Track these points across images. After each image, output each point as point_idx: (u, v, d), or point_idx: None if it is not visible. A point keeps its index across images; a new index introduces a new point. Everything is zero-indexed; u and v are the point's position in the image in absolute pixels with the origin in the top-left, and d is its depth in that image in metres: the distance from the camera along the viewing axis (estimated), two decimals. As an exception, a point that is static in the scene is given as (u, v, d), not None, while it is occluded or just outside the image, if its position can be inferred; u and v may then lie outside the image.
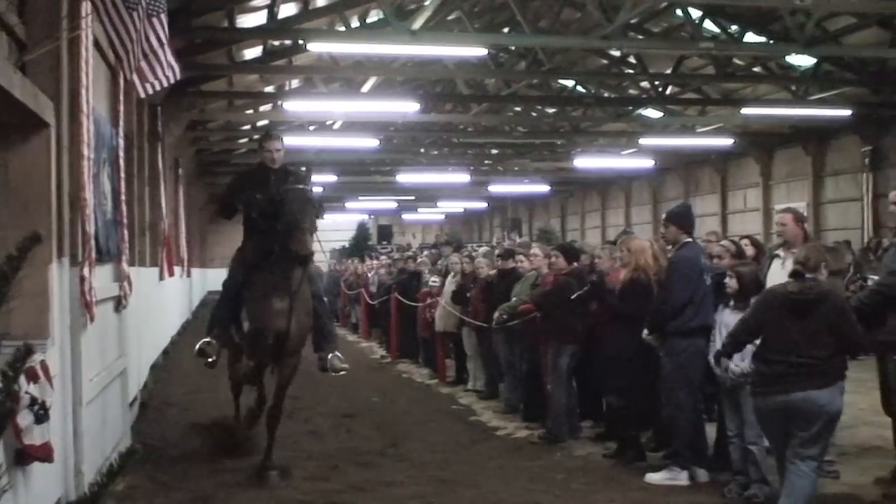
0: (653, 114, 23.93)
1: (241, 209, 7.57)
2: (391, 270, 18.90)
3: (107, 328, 7.54)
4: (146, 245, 12.97)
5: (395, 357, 16.39)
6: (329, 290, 18.83)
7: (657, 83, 21.05)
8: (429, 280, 14.30)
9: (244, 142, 26.44)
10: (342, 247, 40.02)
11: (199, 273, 31.37)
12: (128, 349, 8.85)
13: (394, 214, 46.89)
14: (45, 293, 5.49)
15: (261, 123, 23.82)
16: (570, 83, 23.79)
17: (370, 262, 23.30)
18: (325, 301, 8.42)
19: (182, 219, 20.45)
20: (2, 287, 2.66)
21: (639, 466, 7.73)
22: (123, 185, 8.46)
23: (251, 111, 22.72)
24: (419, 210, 45.87)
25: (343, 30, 15.46)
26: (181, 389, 12.38)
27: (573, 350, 8.75)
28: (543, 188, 36.63)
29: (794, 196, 25.60)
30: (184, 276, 22.33)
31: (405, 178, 31.01)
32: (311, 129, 24.66)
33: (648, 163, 28.37)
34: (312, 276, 7.86)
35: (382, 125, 23.59)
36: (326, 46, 15.04)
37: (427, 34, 13.33)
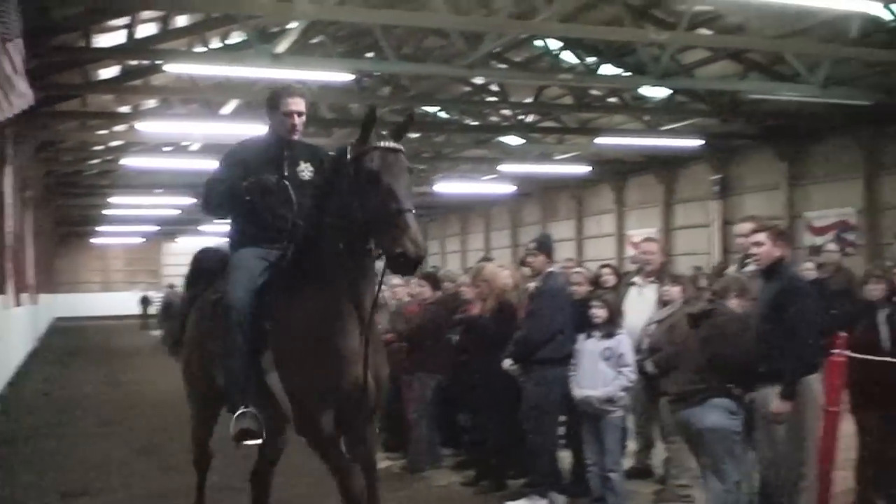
0: (513, 141, 24.43)
1: (255, 201, 5.07)
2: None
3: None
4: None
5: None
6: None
7: (518, 111, 21.50)
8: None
9: (96, 162, 25.51)
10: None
11: (48, 298, 29.96)
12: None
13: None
14: None
15: (114, 144, 23.04)
16: (434, 109, 24.02)
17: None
18: None
19: (29, 244, 19.46)
20: None
21: (498, 494, 7.75)
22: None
23: (105, 131, 21.93)
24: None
25: (203, 50, 15.15)
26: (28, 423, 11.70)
27: (439, 380, 8.72)
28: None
29: (646, 222, 26.61)
30: (30, 304, 21.24)
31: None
32: (166, 151, 23.98)
33: (508, 188, 28.94)
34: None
35: (243, 148, 23.11)
36: (184, 67, 14.70)
37: (290, 58, 13.24)
